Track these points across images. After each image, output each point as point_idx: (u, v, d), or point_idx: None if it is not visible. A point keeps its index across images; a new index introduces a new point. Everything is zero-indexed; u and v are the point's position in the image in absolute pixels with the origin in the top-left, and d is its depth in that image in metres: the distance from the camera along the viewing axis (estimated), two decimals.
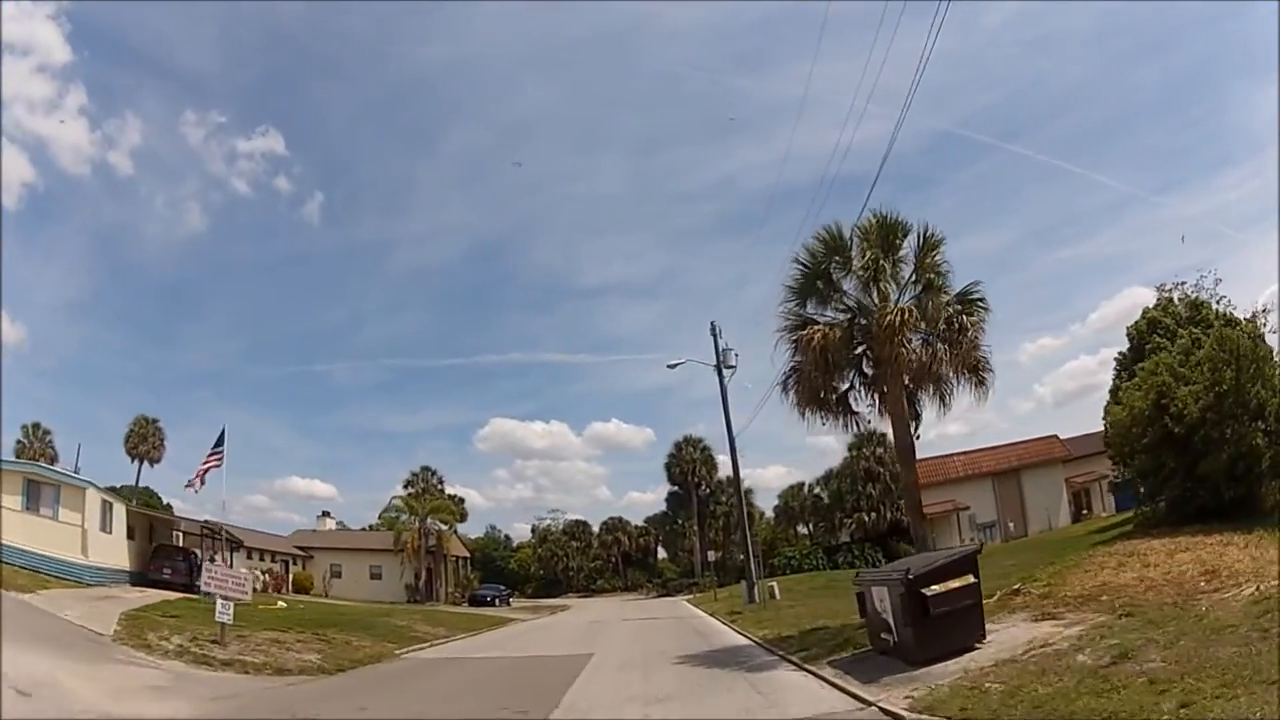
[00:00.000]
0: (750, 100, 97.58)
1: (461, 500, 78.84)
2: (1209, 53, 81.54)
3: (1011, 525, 46.76)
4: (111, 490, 32.80)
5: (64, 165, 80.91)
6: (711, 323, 28.03)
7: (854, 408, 14.75)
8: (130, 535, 28.85)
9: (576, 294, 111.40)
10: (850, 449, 46.76)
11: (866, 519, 43.17)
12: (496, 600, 47.32)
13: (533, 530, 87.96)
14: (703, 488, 59.29)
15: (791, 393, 13.89)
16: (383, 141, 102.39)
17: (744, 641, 15.81)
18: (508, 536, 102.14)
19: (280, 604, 27.04)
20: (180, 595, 22.18)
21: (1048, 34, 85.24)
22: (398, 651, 17.48)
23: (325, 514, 57.66)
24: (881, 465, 45.07)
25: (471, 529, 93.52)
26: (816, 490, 52.16)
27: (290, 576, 47.35)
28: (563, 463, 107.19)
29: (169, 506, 56.83)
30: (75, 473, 35.35)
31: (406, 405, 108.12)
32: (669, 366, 28.60)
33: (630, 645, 16.87)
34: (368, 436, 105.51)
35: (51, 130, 74.77)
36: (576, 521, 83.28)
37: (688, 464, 58.25)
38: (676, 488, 60.64)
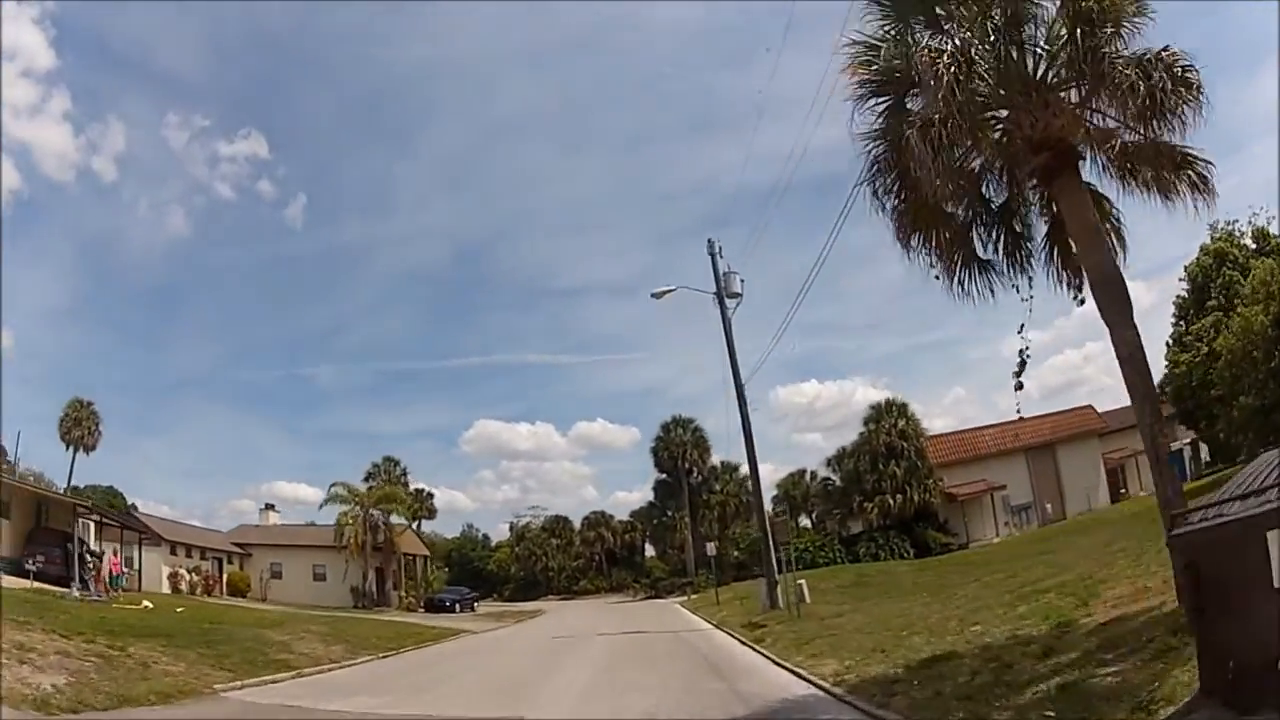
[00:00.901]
0: (734, 98, 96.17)
1: (429, 495, 72.16)
2: (1191, 48, 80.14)
3: (1049, 507, 41.09)
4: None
5: (48, 171, 79.16)
6: (709, 240, 21.57)
7: (980, 253, 8.38)
8: (4, 513, 23.97)
9: (560, 294, 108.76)
10: (867, 422, 40.01)
11: (891, 502, 36.38)
12: (457, 605, 40.48)
13: (511, 529, 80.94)
14: (694, 475, 52.36)
15: (890, 197, 7.38)
16: (365, 143, 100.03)
17: (801, 687, 8.81)
18: (486, 536, 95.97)
19: (146, 604, 21.04)
20: (39, 587, 18.87)
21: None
22: (221, 685, 11.01)
23: (269, 506, 50.05)
24: (905, 440, 38.43)
25: (455, 530, 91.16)
26: (826, 475, 45.43)
27: (224, 577, 40.80)
28: (548, 463, 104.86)
29: (133, 506, 51.46)
30: (14, 464, 28.96)
31: (392, 407, 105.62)
32: (654, 296, 21.94)
33: (598, 692, 10.10)
34: (353, 439, 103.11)
35: (36, 136, 74.84)
36: (556, 518, 76.41)
37: (677, 447, 50.80)
38: (665, 475, 53.14)
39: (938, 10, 7.48)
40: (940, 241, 7.67)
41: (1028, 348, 8.33)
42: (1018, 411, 9.10)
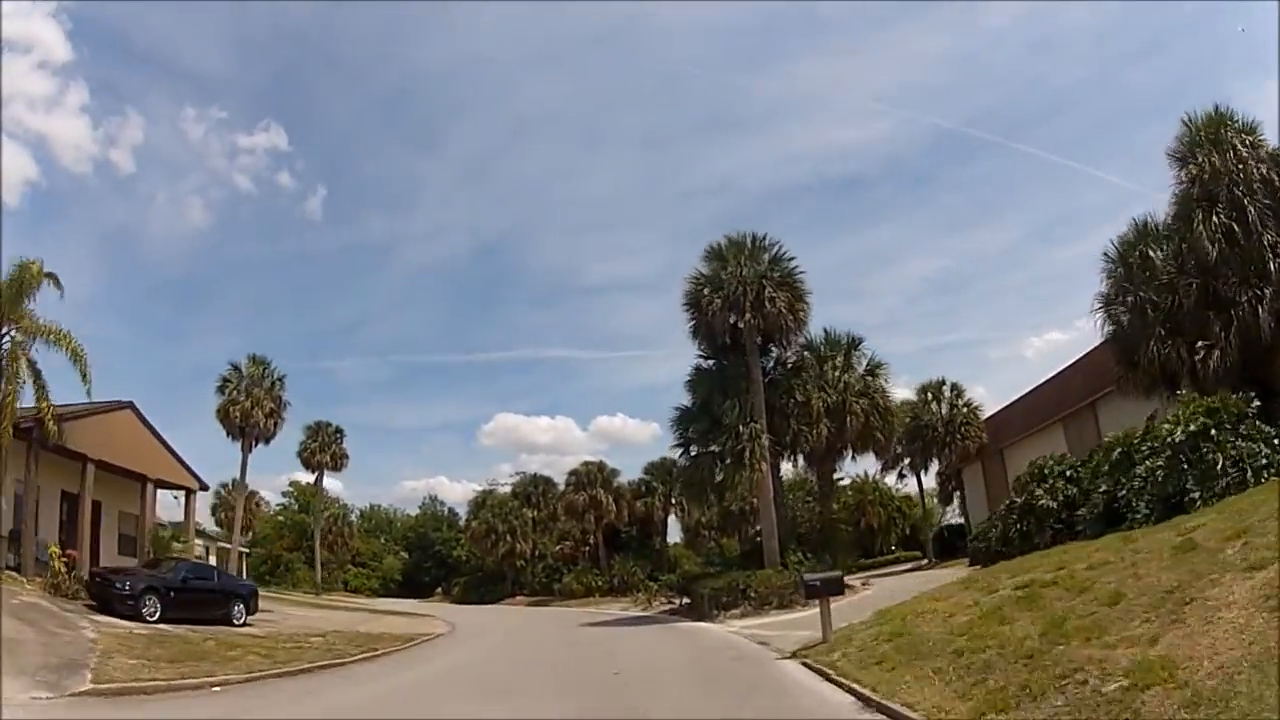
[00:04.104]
0: (753, 98, 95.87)
1: (337, 433, 46.19)
2: (1208, 51, 75.23)
3: None
4: None
5: (66, 163, 78.91)
6: None
7: None
8: None
9: (582, 290, 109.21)
10: (1186, 154, 13.30)
11: None
12: (150, 601, 15.37)
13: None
14: (774, 354, 25.66)
15: None
16: (386, 138, 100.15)
17: None
18: (452, 512, 71.57)
19: None
20: None
21: (1051, 33, 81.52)
22: None
23: None
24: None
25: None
26: (1102, 283, 16.57)
27: None
28: (568, 457, 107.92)
29: None
30: None
31: (412, 401, 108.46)
32: None
33: None
34: (373, 432, 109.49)
35: (53, 128, 73.87)
36: (534, 478, 50.56)
37: (739, 289, 23.31)
38: (710, 357, 25.19)
39: None
40: None
41: None
42: None
